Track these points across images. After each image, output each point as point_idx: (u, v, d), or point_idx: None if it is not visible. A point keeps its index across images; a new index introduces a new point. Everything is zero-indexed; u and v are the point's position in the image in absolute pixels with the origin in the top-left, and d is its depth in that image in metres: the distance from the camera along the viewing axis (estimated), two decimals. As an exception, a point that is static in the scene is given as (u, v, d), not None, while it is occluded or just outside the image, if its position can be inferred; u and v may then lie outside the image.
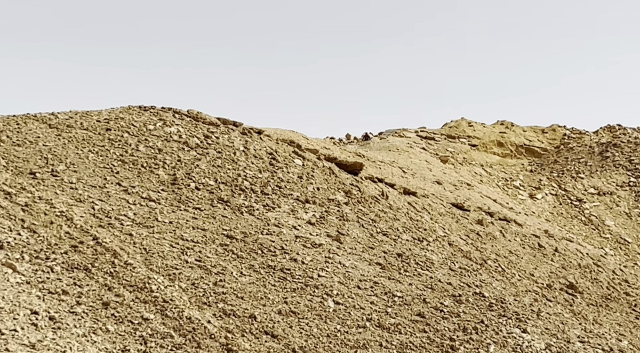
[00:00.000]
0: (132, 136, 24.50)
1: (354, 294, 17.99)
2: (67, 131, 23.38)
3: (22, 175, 19.03)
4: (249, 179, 23.85)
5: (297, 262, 18.89)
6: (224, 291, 16.09)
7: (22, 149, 20.93)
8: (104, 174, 20.93)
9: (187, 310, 14.58)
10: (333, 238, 21.56)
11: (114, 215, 18.34)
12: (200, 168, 23.51)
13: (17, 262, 13.82)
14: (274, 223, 21.19)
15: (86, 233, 16.51)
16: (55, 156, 21.00)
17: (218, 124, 28.17)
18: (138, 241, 17.21)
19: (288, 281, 17.69)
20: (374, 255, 21.28)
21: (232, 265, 17.67)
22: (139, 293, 14.56)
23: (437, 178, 38.30)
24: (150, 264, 16.20)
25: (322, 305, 16.91)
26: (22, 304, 12.31)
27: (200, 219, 19.93)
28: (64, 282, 13.86)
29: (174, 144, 24.75)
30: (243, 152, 25.99)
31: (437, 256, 22.92)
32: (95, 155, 22.13)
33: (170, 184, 21.72)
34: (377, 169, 35.22)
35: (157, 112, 27.65)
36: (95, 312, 13.29)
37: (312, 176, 26.13)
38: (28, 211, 16.57)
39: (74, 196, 18.74)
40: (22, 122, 23.14)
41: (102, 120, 25.14)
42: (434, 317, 17.89)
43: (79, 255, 15.16)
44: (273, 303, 16.31)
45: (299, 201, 23.59)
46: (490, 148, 53.25)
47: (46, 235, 15.50)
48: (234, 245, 18.84)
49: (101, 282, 14.43)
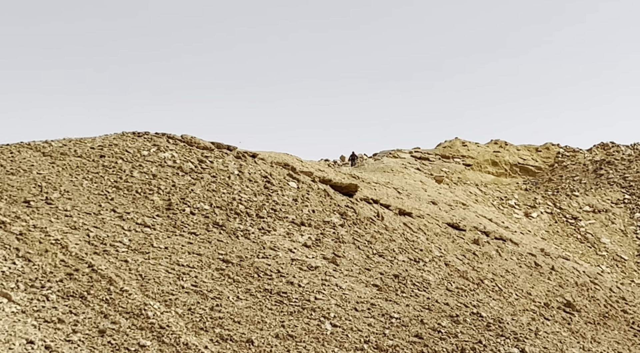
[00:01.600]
0: (126, 162, 24.49)
1: (351, 316, 17.93)
2: (61, 158, 23.36)
3: (16, 204, 18.99)
4: (244, 203, 23.83)
5: (293, 285, 18.83)
6: (220, 316, 16.02)
7: (16, 177, 20.90)
8: (99, 201, 20.89)
9: (184, 335, 14.50)
10: (329, 261, 21.52)
11: (109, 242, 18.29)
12: (195, 192, 23.49)
13: (12, 291, 13.75)
14: (269, 247, 21.14)
15: (81, 260, 16.45)
16: (50, 184, 20.98)
17: (212, 148, 28.19)
18: (134, 268, 17.15)
19: (285, 304, 17.63)
20: (371, 277, 21.23)
21: (229, 289, 17.61)
22: (135, 320, 14.48)
23: (432, 198, 38.32)
24: (146, 290, 16.13)
25: (320, 328, 16.84)
26: (18, 333, 12.24)
27: (196, 244, 19.88)
28: (60, 310, 13.78)
29: (168, 170, 24.75)
30: (238, 176, 26.00)
31: (433, 277, 22.88)
32: (90, 182, 22.10)
33: (165, 210, 21.68)
34: (372, 190, 35.24)
35: (151, 137, 27.66)
36: (91, 340, 13.22)
37: (307, 198, 26.13)
38: (23, 239, 16.52)
39: (69, 224, 18.69)
40: (15, 151, 23.13)
41: (96, 147, 25.14)
42: (431, 338, 17.82)
43: (74, 283, 15.09)
44: (270, 327, 16.24)
45: (295, 224, 23.57)
46: (485, 167, 53.37)
47: (41, 264, 15.44)
48: (230, 269, 18.79)
49: (97, 310, 14.36)
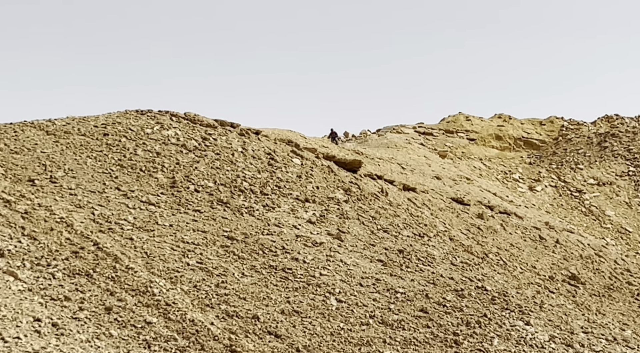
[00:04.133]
0: (130, 140, 24.48)
1: (356, 292, 18.00)
2: (64, 137, 23.36)
3: (20, 182, 19.03)
4: (248, 180, 23.84)
5: (298, 261, 18.89)
6: (226, 293, 16.10)
7: (20, 156, 20.92)
8: (103, 179, 20.92)
9: (189, 312, 14.58)
10: (334, 237, 21.56)
11: (114, 220, 18.34)
12: (199, 170, 23.50)
13: (19, 270, 13.82)
14: (274, 223, 21.18)
15: (87, 238, 16.51)
16: (54, 163, 21.00)
17: (216, 125, 28.15)
18: (139, 245, 17.21)
19: (290, 280, 17.70)
20: (375, 252, 21.28)
21: (234, 266, 17.68)
22: (141, 297, 14.56)
23: (436, 173, 38.30)
24: (151, 267, 16.20)
25: (325, 303, 16.92)
26: (25, 311, 12.32)
27: (201, 222, 19.93)
28: (66, 288, 13.86)
29: (172, 147, 24.75)
30: (241, 153, 25.98)
31: (438, 252, 22.92)
32: (94, 160, 22.12)
33: (170, 188, 21.71)
34: (376, 166, 35.22)
35: (154, 115, 27.62)
36: (98, 317, 13.30)
37: (311, 175, 26.12)
38: (28, 218, 16.57)
39: (74, 202, 18.73)
40: (19, 130, 23.12)
41: (99, 125, 25.12)
42: (437, 312, 17.89)
43: (80, 261, 15.16)
44: (276, 303, 16.32)
45: (299, 201, 23.59)
46: (489, 141, 53.25)
47: (47, 242, 15.50)
48: (234, 246, 18.84)
49: (103, 287, 14.43)
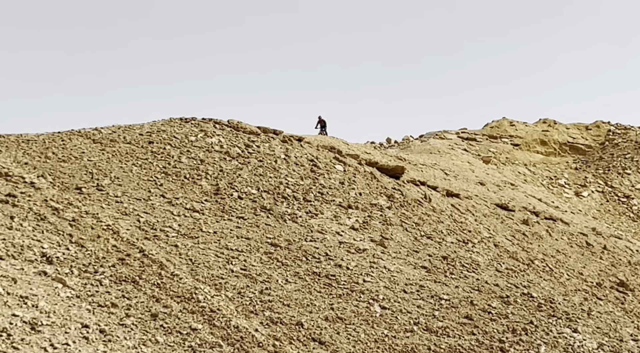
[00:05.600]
0: (175, 148, 24.75)
1: (400, 298, 17.91)
2: (110, 145, 23.71)
3: (68, 190, 19.34)
4: (291, 187, 23.91)
5: (342, 268, 18.87)
6: (270, 299, 16.15)
7: (68, 164, 21.27)
8: (148, 187, 21.17)
9: (234, 319, 14.65)
10: (377, 243, 21.50)
11: (159, 227, 18.54)
12: (242, 177, 23.64)
13: (67, 276, 14.03)
14: (317, 230, 21.20)
15: (132, 245, 16.71)
16: (100, 171, 21.31)
17: (258, 133, 28.32)
18: (184, 252, 17.37)
19: (333, 287, 17.68)
20: (419, 259, 21.16)
21: (277, 272, 17.72)
22: (187, 304, 14.67)
23: (480, 179, 37.98)
24: (196, 274, 16.33)
25: (369, 310, 16.87)
26: (73, 318, 12.49)
27: (244, 228, 20.03)
28: (113, 295, 14.03)
29: (215, 155, 24.95)
30: (284, 160, 26.07)
31: (483, 258, 22.71)
32: (139, 168, 22.40)
33: (213, 195, 21.88)
34: (419, 172, 35.04)
35: (198, 123, 27.90)
36: (144, 324, 13.44)
37: (354, 181, 26.10)
38: (75, 225, 16.83)
39: (120, 210, 18.99)
40: (67, 139, 23.53)
41: (144, 133, 25.44)
42: (482, 319, 17.71)
43: (126, 268, 15.35)
44: (319, 310, 16.31)
45: (342, 207, 23.58)
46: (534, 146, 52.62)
47: (94, 249, 15.72)
48: (278, 253, 18.90)
49: (149, 294, 14.58)
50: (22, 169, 19.69)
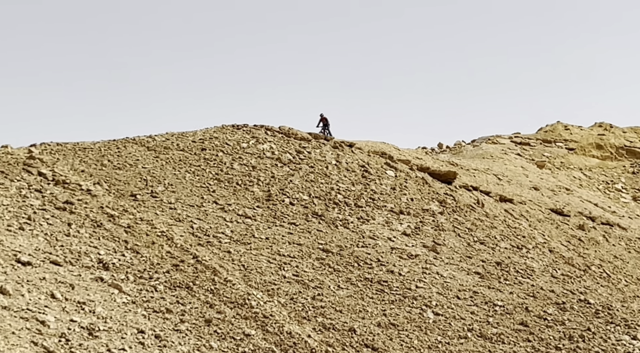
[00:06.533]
0: (227, 154, 24.98)
1: (454, 304, 17.77)
2: (164, 152, 24.04)
3: (123, 197, 19.67)
4: (343, 193, 23.92)
5: (394, 274, 18.80)
6: (322, 305, 16.17)
7: (123, 172, 21.63)
8: (201, 194, 21.41)
9: (287, 324, 14.71)
10: (429, 249, 21.37)
11: (212, 233, 18.72)
12: (293, 183, 23.74)
13: (123, 283, 14.26)
14: (369, 235, 21.17)
15: (186, 252, 16.91)
16: (154, 178, 21.62)
17: (309, 139, 28.40)
18: (236, 258, 17.51)
19: (386, 293, 17.63)
20: (472, 264, 20.98)
21: (330, 278, 17.74)
22: (240, 310, 14.78)
23: (534, 184, 37.45)
24: (249, 280, 16.45)
25: (422, 316, 16.77)
26: (129, 323, 12.69)
27: (296, 234, 20.11)
28: (168, 301, 14.21)
29: (267, 161, 25.10)
30: (335, 166, 26.10)
31: (537, 264, 22.41)
32: (192, 175, 22.66)
33: (265, 201, 22.02)
34: (471, 177, 34.72)
35: (250, 130, 28.12)
36: (198, 329, 13.57)
37: (406, 186, 25.99)
38: (131, 232, 17.10)
39: (174, 216, 19.23)
40: (122, 146, 23.94)
41: (197, 140, 25.74)
42: (537, 325, 17.47)
43: (180, 274, 15.53)
44: (372, 316, 16.28)
45: (393, 213, 23.50)
46: (589, 151, 51.69)
47: (149, 255, 15.95)
48: (330, 259, 18.92)
49: (203, 300, 14.73)
50: (78, 176, 20.08)
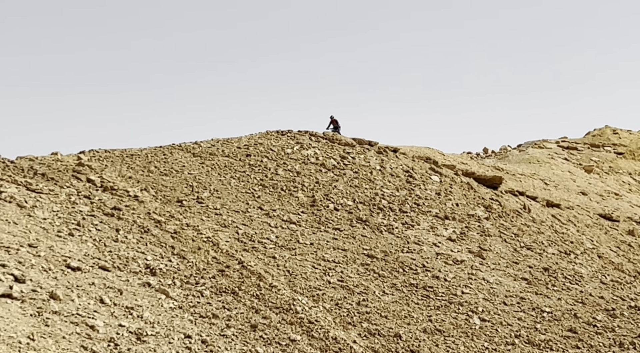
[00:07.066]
0: (271, 160, 25.12)
1: (500, 310, 17.59)
2: (209, 158, 24.27)
3: (170, 203, 19.88)
4: (387, 198, 23.86)
5: (439, 279, 18.68)
6: (367, 311, 16.13)
7: (169, 178, 21.89)
8: (246, 199, 21.54)
9: (332, 330, 14.70)
10: (475, 254, 21.19)
11: (257, 239, 18.82)
12: (338, 188, 23.75)
13: (170, 288, 14.41)
14: (414, 241, 21.07)
15: (232, 257, 17.02)
16: (200, 184, 21.83)
17: (354, 144, 28.41)
18: (281, 264, 17.57)
19: (431, 299, 17.52)
20: (519, 270, 20.74)
21: (374, 284, 17.70)
22: (285, 315, 14.82)
23: (581, 189, 36.90)
24: (294, 286, 16.48)
25: (468, 322, 16.63)
26: (176, 328, 12.80)
27: (341, 240, 20.11)
28: (214, 306, 14.30)
29: (311, 167, 25.17)
30: (379, 171, 26.06)
31: (586, 270, 22.06)
32: (237, 181, 22.83)
33: (310, 206, 22.06)
34: (517, 182, 34.35)
35: (294, 135, 28.26)
36: (244, 335, 13.64)
37: (451, 192, 25.83)
38: (177, 238, 17.28)
39: (219, 222, 19.38)
40: (168, 153, 24.24)
41: (242, 146, 25.94)
42: (586, 332, 17.20)
43: (226, 279, 15.63)
44: (417, 322, 16.19)
45: (439, 218, 23.36)
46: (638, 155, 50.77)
47: (195, 261, 16.09)
48: (375, 264, 18.87)
49: (248, 305, 14.80)
50: (126, 183, 20.37)
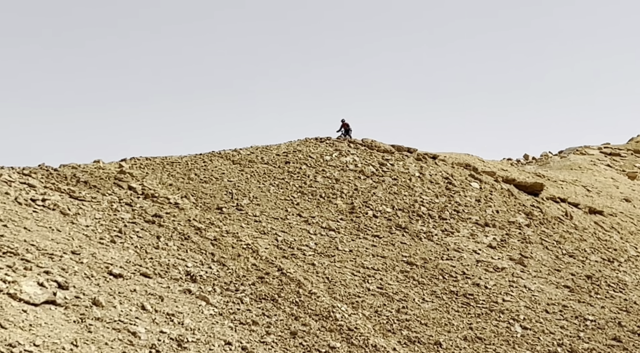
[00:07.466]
0: (310, 167, 25.17)
1: (542, 318, 17.38)
2: (249, 166, 24.40)
3: (210, 210, 20.02)
4: (426, 205, 23.75)
5: (480, 287, 18.52)
6: (407, 318, 16.05)
7: (209, 185, 22.05)
8: (285, 206, 21.60)
9: (372, 337, 14.65)
10: (516, 262, 20.98)
11: (296, 246, 18.86)
12: (377, 195, 23.71)
13: (210, 294, 14.49)
14: (453, 248, 20.93)
15: (271, 264, 17.07)
16: (240, 191, 21.96)
17: (392, 151, 28.34)
18: (320, 271, 17.57)
19: (472, 306, 17.38)
20: (561, 278, 20.49)
21: (414, 291, 17.61)
22: (325, 322, 14.81)
23: (625, 196, 36.33)
24: (333, 293, 16.47)
25: (509, 330, 16.45)
26: (217, 335, 12.87)
27: (380, 247, 20.05)
28: (254, 313, 14.35)
29: (350, 174, 25.16)
30: (419, 178, 25.95)
31: (630, 277, 21.71)
32: (276, 188, 22.92)
33: (349, 213, 22.05)
34: (558, 189, 33.95)
35: (333, 142, 28.29)
36: (284, 342, 13.66)
37: (491, 198, 25.62)
38: (217, 245, 17.38)
39: (258, 229, 19.46)
40: (207, 160, 24.42)
41: (281, 153, 26.04)
42: (631, 341, 16.92)
43: (265, 286, 15.68)
44: (458, 329, 16.06)
45: (479, 225, 23.19)
46: (683, 160, 49.80)
47: (234, 268, 16.17)
48: (414, 271, 18.79)
49: (288, 312, 14.82)
50: (167, 190, 20.57)
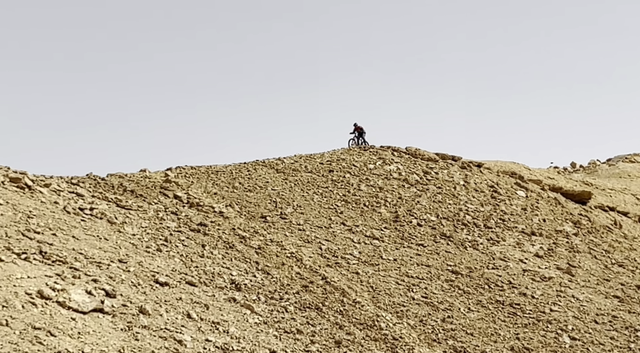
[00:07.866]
0: (354, 176, 25.15)
1: (591, 329, 17.08)
2: (293, 174, 24.48)
3: (254, 219, 20.12)
4: (471, 213, 23.54)
5: (526, 296, 18.28)
6: (452, 328, 15.90)
7: (253, 194, 22.16)
8: (329, 215, 21.60)
9: (417, 347, 14.54)
10: (564, 271, 20.68)
11: (340, 254, 18.83)
12: (421, 204, 23.58)
13: (254, 303, 14.53)
14: (499, 257, 20.71)
15: (315, 272, 17.07)
16: (283, 199, 22.03)
17: (437, 159, 28.18)
18: (365, 279, 17.51)
19: (518, 316, 17.15)
20: (610, 288, 20.12)
21: (459, 300, 17.44)
22: (369, 331, 14.74)
23: (675, 203, 35.55)
24: (377, 301, 16.40)
25: (557, 340, 16.20)
26: (262, 344, 12.89)
27: (424, 256, 19.92)
28: (298, 321, 14.35)
29: (394, 182, 25.08)
30: (463, 186, 25.75)
31: (682, 288, 21.23)
32: (320, 196, 22.93)
33: (393, 222, 21.96)
34: (607, 197, 33.39)
35: (377, 151, 28.24)
36: (328, 351, 13.62)
37: (537, 207, 25.31)
38: (261, 253, 17.44)
39: (302, 237, 19.48)
40: (252, 169, 24.57)
41: (324, 162, 26.07)
42: (683, 353, 16.52)
43: (310, 295, 15.67)
44: (504, 340, 15.86)
45: (525, 234, 22.91)
46: None
47: (279, 276, 16.20)
48: (459, 281, 18.61)
49: (332, 321, 14.79)
50: (211, 199, 20.72)
